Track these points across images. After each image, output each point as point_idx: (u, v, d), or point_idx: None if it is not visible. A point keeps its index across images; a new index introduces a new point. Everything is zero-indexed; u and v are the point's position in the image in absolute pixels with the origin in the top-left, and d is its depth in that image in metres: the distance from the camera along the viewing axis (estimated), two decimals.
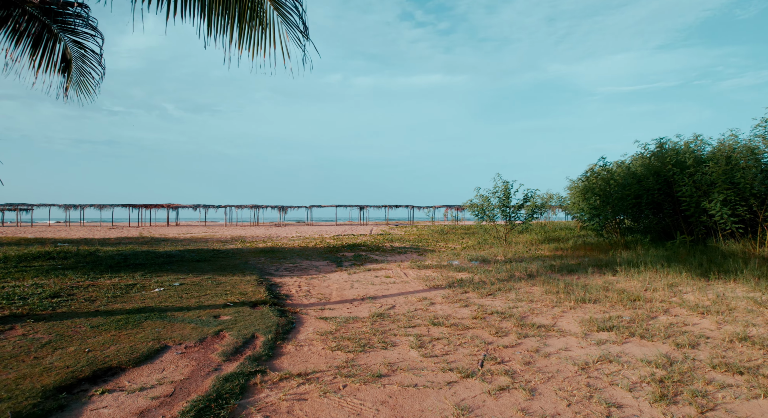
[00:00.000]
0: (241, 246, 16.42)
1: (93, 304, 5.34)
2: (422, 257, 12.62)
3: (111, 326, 4.27)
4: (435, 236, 21.96)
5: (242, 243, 18.05)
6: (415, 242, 18.06)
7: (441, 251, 14.19)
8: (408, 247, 15.98)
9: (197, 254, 12.54)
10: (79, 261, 10.01)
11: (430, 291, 7.30)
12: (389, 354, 4.03)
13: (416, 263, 10.84)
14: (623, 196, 11.69)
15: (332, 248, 15.18)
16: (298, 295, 6.95)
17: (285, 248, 15.33)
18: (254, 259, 12.06)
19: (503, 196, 15.30)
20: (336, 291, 7.35)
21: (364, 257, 12.63)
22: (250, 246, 16.43)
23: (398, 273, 9.42)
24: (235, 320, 4.93)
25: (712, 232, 10.76)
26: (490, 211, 15.46)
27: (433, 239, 19.91)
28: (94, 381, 3.01)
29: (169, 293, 6.40)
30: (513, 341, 4.42)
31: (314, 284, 8.10)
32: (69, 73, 6.82)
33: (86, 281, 7.10)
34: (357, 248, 15.17)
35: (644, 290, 7.05)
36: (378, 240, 19.33)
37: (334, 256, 12.84)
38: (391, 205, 53.44)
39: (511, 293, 7.00)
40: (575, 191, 14.04)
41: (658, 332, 4.62)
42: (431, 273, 9.34)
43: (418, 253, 13.92)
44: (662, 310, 5.63)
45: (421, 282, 8.18)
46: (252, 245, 17.22)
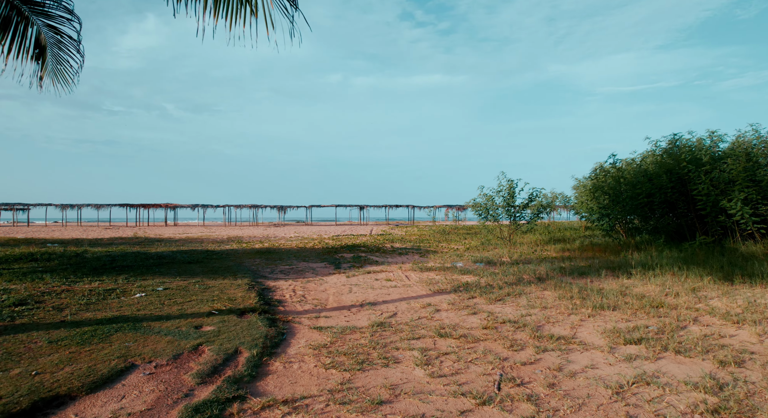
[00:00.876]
0: (237, 247, 15.90)
1: (60, 313, 4.83)
2: (424, 259, 12.10)
3: (73, 341, 3.75)
4: (437, 236, 21.44)
5: (238, 243, 17.54)
6: (417, 243, 17.54)
7: (444, 252, 13.68)
8: (409, 248, 15.46)
9: (189, 255, 12.02)
10: (62, 263, 9.49)
11: (434, 296, 6.78)
12: (391, 373, 3.51)
13: (418, 265, 10.32)
14: (634, 195, 11.16)
15: (331, 249, 14.66)
16: (292, 300, 6.43)
17: (282, 249, 14.81)
18: (249, 260, 11.54)
19: (508, 195, 14.77)
20: (333, 296, 6.83)
21: (363, 258, 12.11)
22: (246, 247, 15.92)
23: (400, 276, 8.90)
24: (218, 331, 4.41)
25: (728, 232, 10.23)
26: (494, 210, 14.94)
27: (435, 239, 19.40)
28: (32, 416, 2.49)
29: (151, 299, 5.88)
30: (531, 357, 3.90)
31: (310, 287, 7.58)
32: (43, 61, 6.30)
33: (62, 286, 6.58)
34: (356, 249, 14.66)
35: (665, 294, 6.53)
36: (378, 240, 18.81)
37: (332, 257, 12.32)
38: (392, 205, 52.92)
39: (521, 299, 6.49)
40: (583, 190, 13.52)
41: (693, 345, 4.10)
42: (435, 276, 8.82)
43: (420, 254, 13.41)
44: (691, 319, 5.10)
45: (424, 286, 7.66)
46: (248, 245, 16.70)
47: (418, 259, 12.09)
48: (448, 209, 50.88)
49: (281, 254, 13.06)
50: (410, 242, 17.76)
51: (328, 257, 12.47)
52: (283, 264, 10.78)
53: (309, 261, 11.44)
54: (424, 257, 12.51)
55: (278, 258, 12.06)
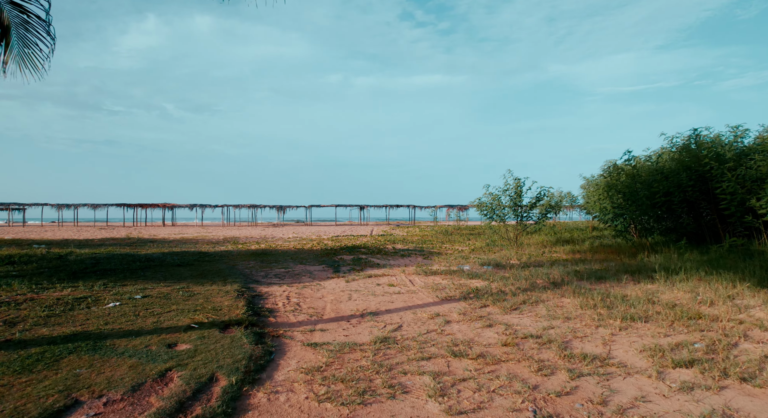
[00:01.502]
0: (232, 248, 15.25)
1: (11, 329, 4.17)
2: (428, 261, 11.46)
3: (10, 368, 3.10)
4: (439, 237, 20.80)
5: (234, 244, 16.89)
6: (419, 244, 16.90)
7: (448, 254, 13.03)
8: (412, 249, 14.82)
9: (180, 258, 11.38)
10: (40, 267, 8.85)
11: (442, 304, 6.14)
12: (399, 408, 2.86)
13: (422, 268, 9.68)
14: (651, 194, 10.51)
15: (330, 251, 14.01)
16: (285, 309, 5.79)
17: (278, 250, 14.16)
18: (243, 263, 10.89)
19: (515, 194, 14.12)
20: (331, 304, 6.19)
21: (364, 260, 11.47)
22: (241, 248, 15.27)
23: (403, 280, 8.25)
24: (194, 350, 3.76)
25: (754, 234, 9.58)
26: (500, 210, 14.29)
27: (438, 240, 18.76)
28: None
29: (125, 309, 5.23)
30: (566, 384, 3.25)
31: (306, 294, 6.93)
32: (7, 43, 5.65)
33: (28, 294, 5.92)
34: (356, 251, 14.01)
35: (698, 303, 5.88)
36: (379, 241, 18.16)
37: (331, 259, 11.67)
38: (392, 205, 52.27)
39: (539, 308, 5.85)
40: (594, 189, 12.86)
41: (757, 370, 3.46)
42: (441, 280, 8.18)
43: (423, 256, 12.76)
44: (739, 334, 4.45)
45: (430, 292, 7.02)
46: (244, 246, 16.05)
47: (422, 261, 11.45)
48: (449, 209, 50.21)
49: (277, 256, 12.41)
50: (412, 243, 17.12)
51: (326, 259, 11.83)
52: (278, 267, 10.13)
53: (306, 264, 10.79)
54: (427, 260, 11.87)
55: (274, 260, 11.42)
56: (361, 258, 11.90)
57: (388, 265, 10.64)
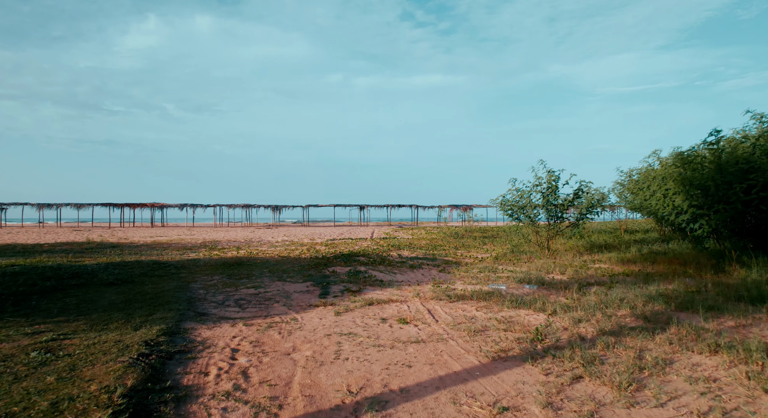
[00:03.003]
0: (204, 255, 12.62)
1: None
2: (447, 276, 8.82)
3: None
4: (450, 240, 18.16)
5: (210, 250, 14.26)
6: (429, 250, 14.26)
7: (468, 264, 10.40)
8: (421, 257, 12.18)
9: (122, 271, 8.75)
10: None
11: (498, 372, 3.50)
12: None
13: (442, 289, 7.06)
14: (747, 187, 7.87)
15: (321, 260, 11.38)
16: (214, 392, 3.15)
17: (258, 259, 11.53)
18: (204, 278, 8.27)
19: (548, 190, 11.50)
20: (303, 371, 3.56)
21: (363, 274, 8.84)
22: (215, 255, 12.65)
23: (419, 311, 5.62)
24: None
25: None
26: (530, 209, 11.67)
27: (450, 244, 16.10)
28: None
29: None
30: None
31: (268, 343, 4.31)
32: None
33: None
34: (354, 260, 11.38)
35: None
36: (381, 247, 15.53)
37: (320, 273, 9.03)
38: (394, 205, 49.60)
39: (675, 381, 3.23)
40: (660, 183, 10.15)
41: None
42: (475, 312, 5.56)
43: (438, 267, 10.13)
44: None
45: (467, 339, 4.39)
46: (220, 252, 13.43)
47: (438, 276, 8.81)
48: (452, 209, 47.52)
49: (253, 268, 9.78)
50: (421, 249, 14.48)
51: (314, 272, 9.19)
52: (247, 285, 7.50)
53: (287, 280, 8.16)
54: (444, 273, 9.24)
55: (246, 274, 8.78)
56: (359, 271, 9.26)
57: (394, 282, 8.00)
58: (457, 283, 7.90)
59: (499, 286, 7.43)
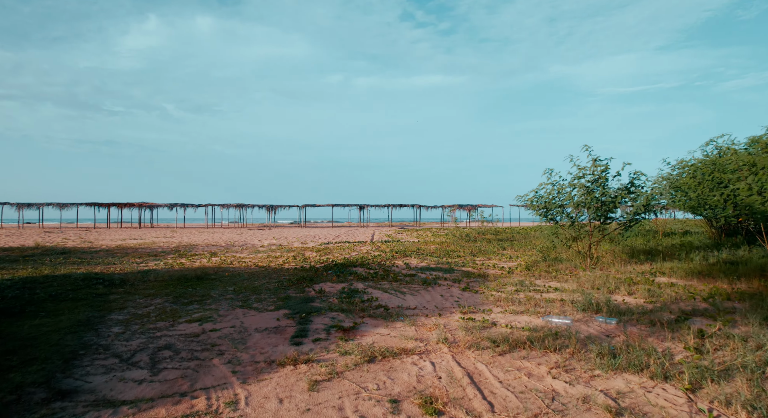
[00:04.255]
0: (165, 265, 10.23)
1: None
2: (474, 297, 6.40)
3: None
4: (463, 244, 15.73)
5: (177, 258, 11.86)
6: (441, 257, 11.85)
7: (498, 279, 7.98)
8: (434, 267, 9.77)
9: (25, 291, 6.35)
10: None
11: None
12: None
13: (477, 324, 4.66)
14: None
15: (307, 272, 8.98)
16: None
17: (227, 272, 9.12)
18: (139, 303, 5.88)
19: (595, 183, 9.10)
20: None
21: (360, 296, 6.44)
22: (180, 264, 10.26)
23: (454, 378, 3.22)
24: None
25: None
26: (573, 208, 9.25)
27: (465, 250, 13.66)
28: None
29: None
30: None
31: None
32: None
33: None
34: (349, 271, 8.97)
35: None
36: (384, 252, 13.12)
37: (302, 295, 6.61)
38: (395, 205, 47.13)
39: None
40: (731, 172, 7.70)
41: None
42: (548, 378, 3.16)
43: (459, 283, 7.73)
44: None
45: None
46: (188, 261, 11.04)
47: (464, 298, 6.40)
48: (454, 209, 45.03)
49: (215, 285, 7.38)
50: (431, 256, 12.06)
51: (295, 292, 6.78)
52: (192, 317, 5.10)
53: (253, 305, 5.76)
54: (471, 292, 6.82)
55: (200, 297, 6.39)
56: (356, 291, 6.84)
57: (405, 310, 5.58)
58: (495, 311, 5.50)
59: (562, 319, 5.02)
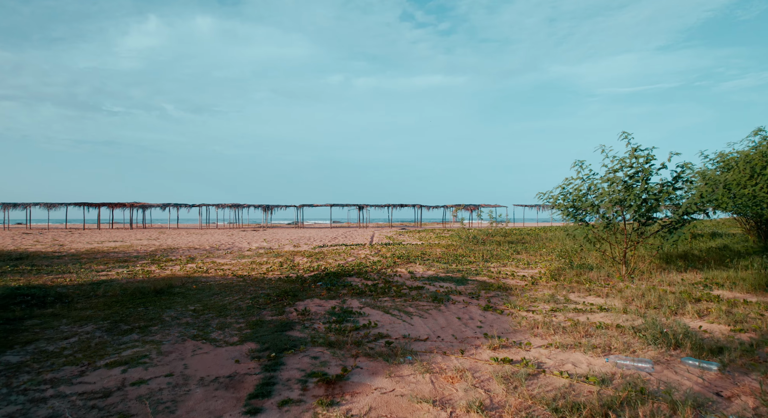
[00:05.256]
0: (128, 274, 8.76)
1: None
2: (501, 319, 4.92)
3: None
4: (471, 247, 14.24)
5: (148, 264, 10.39)
6: (449, 262, 10.37)
7: (521, 291, 6.49)
8: (444, 276, 8.30)
9: None
10: None
11: None
12: None
13: (510, 360, 3.19)
14: None
15: (292, 284, 7.51)
16: None
17: (197, 283, 7.64)
18: (62, 331, 4.43)
19: (634, 177, 7.64)
20: None
21: (354, 320, 4.97)
22: (147, 273, 8.79)
23: None
24: None
25: None
26: (609, 206, 7.77)
27: (476, 254, 12.17)
28: None
29: None
30: None
31: None
32: None
33: None
34: (343, 283, 7.49)
35: None
36: (384, 258, 11.65)
37: (278, 319, 5.12)
38: (396, 205, 45.64)
39: None
40: None
41: None
42: None
43: (477, 298, 6.25)
44: None
45: None
46: (158, 268, 9.57)
47: (488, 322, 4.91)
48: (459, 209, 43.54)
49: (176, 302, 5.91)
50: (438, 262, 10.57)
51: (271, 313, 5.31)
52: (120, 357, 3.64)
53: (211, 335, 4.29)
54: (495, 312, 5.34)
55: (145, 323, 4.92)
56: (349, 313, 5.35)
57: (413, 344, 4.09)
58: (534, 344, 4.03)
59: (635, 361, 3.55)
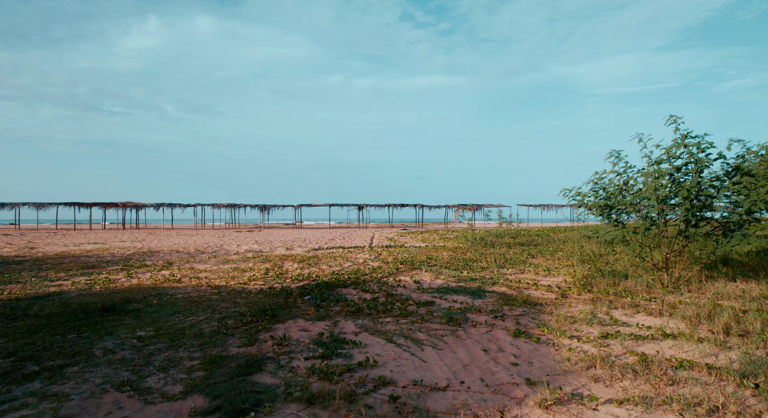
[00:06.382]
0: (85, 284, 7.49)
1: None
2: (537, 351, 3.64)
3: None
4: (480, 250, 12.94)
5: (117, 270, 9.13)
6: (460, 269, 9.09)
7: (554, 308, 5.22)
8: (455, 287, 7.02)
9: None
10: None
11: None
12: None
13: None
14: None
15: (273, 300, 6.23)
16: None
17: (163, 296, 6.36)
18: None
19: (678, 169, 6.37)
20: None
21: (348, 350, 3.71)
22: (112, 283, 7.53)
23: None
24: None
25: None
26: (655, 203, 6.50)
27: (485, 258, 10.87)
28: None
29: None
30: None
31: None
32: None
33: None
34: (336, 297, 6.22)
35: None
36: (385, 263, 10.37)
37: (247, 352, 3.85)
38: (396, 205, 44.37)
39: None
40: None
41: None
42: None
43: (502, 318, 4.98)
44: None
45: None
46: (125, 276, 8.31)
47: (521, 354, 3.63)
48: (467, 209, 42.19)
49: (123, 325, 4.64)
50: (447, 269, 9.29)
51: (238, 342, 4.04)
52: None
53: (141, 388, 3.04)
54: (528, 340, 4.07)
55: (63, 360, 3.67)
56: (341, 341, 4.07)
57: (428, 399, 2.81)
58: (603, 399, 2.77)
59: None
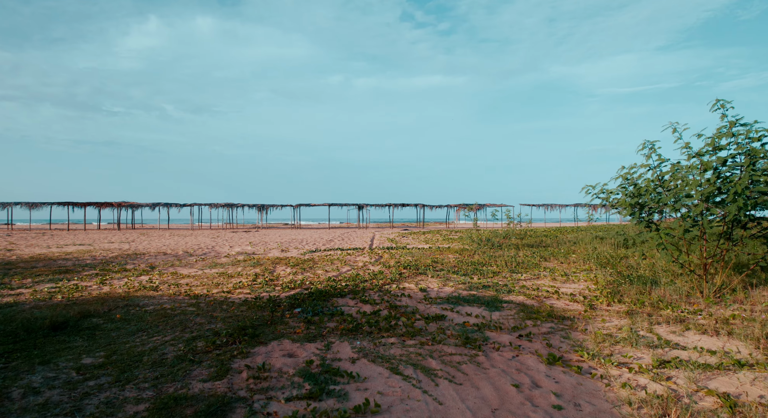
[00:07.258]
0: (52, 292, 6.66)
1: None
2: (580, 386, 2.81)
3: None
4: (488, 252, 12.10)
5: (92, 275, 8.29)
6: (469, 274, 8.26)
7: (585, 323, 4.40)
8: (467, 297, 6.18)
9: None
10: None
11: None
12: None
13: None
14: None
15: (258, 313, 5.40)
16: None
17: (131, 307, 5.53)
18: None
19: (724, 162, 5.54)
20: None
21: (342, 387, 2.89)
22: (79, 291, 6.71)
23: None
24: None
25: None
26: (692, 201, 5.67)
27: (495, 261, 10.02)
28: None
29: None
30: None
31: None
32: None
33: None
34: (331, 310, 5.39)
35: None
36: (387, 267, 9.53)
37: (213, 391, 3.02)
38: (397, 204, 43.55)
39: None
40: None
41: None
42: None
43: (525, 336, 4.15)
44: None
45: None
46: (97, 283, 7.49)
47: (563, 393, 2.80)
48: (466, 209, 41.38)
49: (71, 348, 3.82)
50: (456, 273, 8.46)
51: (205, 372, 3.22)
52: None
53: None
54: (567, 370, 3.25)
55: None
56: (335, 373, 3.23)
57: None
58: None
59: None
